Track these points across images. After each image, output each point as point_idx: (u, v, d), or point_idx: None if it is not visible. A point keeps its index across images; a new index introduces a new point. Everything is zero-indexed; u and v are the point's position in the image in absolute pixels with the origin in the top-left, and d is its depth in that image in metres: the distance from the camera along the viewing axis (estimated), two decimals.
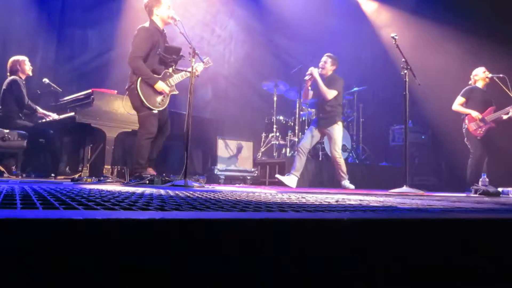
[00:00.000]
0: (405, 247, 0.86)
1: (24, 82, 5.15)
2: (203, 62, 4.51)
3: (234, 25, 8.30)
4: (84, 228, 0.67)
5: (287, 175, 5.28)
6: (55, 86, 5.56)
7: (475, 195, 4.12)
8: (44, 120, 5.28)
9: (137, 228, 0.70)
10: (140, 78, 4.19)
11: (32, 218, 0.65)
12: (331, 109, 5.27)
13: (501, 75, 5.43)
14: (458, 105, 5.70)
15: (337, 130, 5.28)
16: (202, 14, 7.88)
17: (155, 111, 4.23)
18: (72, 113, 4.77)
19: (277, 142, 6.73)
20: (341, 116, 5.47)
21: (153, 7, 4.34)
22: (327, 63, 5.33)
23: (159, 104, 4.28)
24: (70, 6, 6.59)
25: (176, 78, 4.41)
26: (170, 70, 4.39)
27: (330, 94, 5.21)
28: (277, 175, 5.39)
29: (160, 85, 4.24)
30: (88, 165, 5.29)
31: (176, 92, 4.45)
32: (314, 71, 5.22)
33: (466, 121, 5.59)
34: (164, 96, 4.32)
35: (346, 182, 5.24)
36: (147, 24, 4.33)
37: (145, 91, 4.19)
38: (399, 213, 1.14)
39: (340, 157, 5.26)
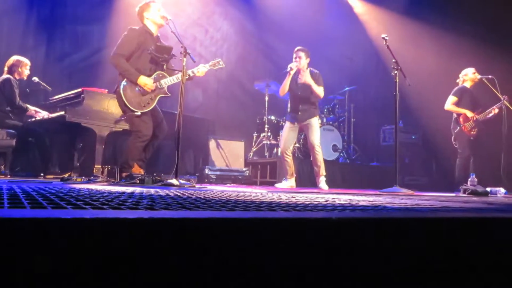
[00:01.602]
0: (392, 245, 0.87)
1: (17, 82, 5.10)
2: (210, 64, 4.50)
3: (228, 26, 8.30)
4: (72, 228, 0.67)
5: (284, 179, 5.29)
6: (44, 84, 5.51)
7: (464, 195, 4.16)
8: (33, 119, 5.24)
9: (125, 228, 0.70)
10: (124, 80, 4.15)
11: (19, 217, 0.65)
12: (311, 101, 5.24)
13: (489, 76, 5.49)
14: (451, 104, 5.69)
15: (317, 122, 5.24)
16: (197, 15, 7.87)
17: (138, 113, 4.14)
18: (62, 112, 4.73)
19: (268, 142, 6.74)
20: (318, 109, 5.44)
21: (143, 12, 4.34)
22: (302, 58, 5.16)
23: (144, 106, 4.18)
24: (61, 4, 6.54)
25: (169, 80, 4.31)
26: (164, 72, 4.33)
27: (322, 92, 5.18)
28: (275, 185, 5.38)
29: (142, 80, 4.14)
30: (78, 164, 5.26)
31: (168, 95, 4.37)
32: (294, 69, 5.12)
33: (461, 120, 5.59)
34: (151, 98, 4.22)
35: (322, 182, 5.11)
36: (136, 27, 4.32)
37: (129, 93, 4.13)
38: (387, 212, 1.15)
39: (319, 146, 5.14)
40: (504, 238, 1.02)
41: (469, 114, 5.54)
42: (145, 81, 4.15)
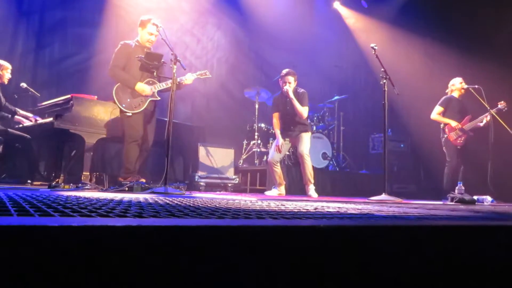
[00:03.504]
0: (379, 253, 0.88)
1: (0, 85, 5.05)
2: (198, 74, 4.83)
3: (220, 36, 8.33)
4: (59, 236, 0.67)
5: (274, 187, 5.30)
6: (33, 90, 5.45)
7: (451, 203, 4.20)
8: (21, 125, 5.18)
9: (113, 235, 0.70)
10: (117, 85, 4.47)
11: (6, 225, 0.65)
12: (302, 122, 5.29)
13: (476, 86, 5.57)
14: (436, 114, 5.81)
15: (307, 136, 5.29)
16: (191, 24, 7.90)
17: (129, 114, 4.47)
18: (51, 118, 4.69)
19: (258, 150, 6.73)
20: (310, 126, 5.52)
21: (140, 26, 4.65)
22: (292, 83, 5.20)
23: (135, 107, 4.50)
24: (50, 10, 6.50)
25: (160, 85, 4.61)
26: (154, 79, 4.60)
27: (305, 112, 5.24)
28: (265, 193, 5.38)
29: (139, 87, 4.49)
30: (66, 171, 5.20)
31: (158, 98, 4.65)
32: (290, 93, 5.18)
33: (446, 130, 5.70)
34: (141, 100, 4.53)
35: (311, 190, 5.14)
36: (129, 41, 4.65)
37: (120, 95, 4.48)
38: (374, 220, 1.16)
39: (308, 156, 5.17)
40: (489, 245, 1.04)
41: (453, 123, 5.64)
42: (143, 88, 4.51)
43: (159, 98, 4.67)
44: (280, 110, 5.34)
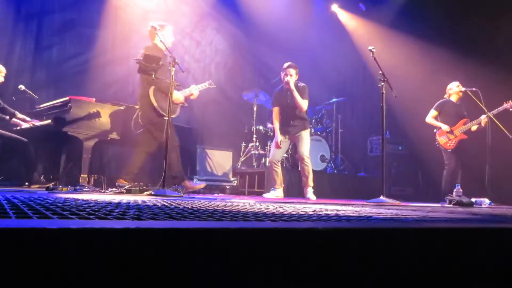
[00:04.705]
0: (377, 256, 0.88)
1: None
2: (207, 84, 5.15)
3: (220, 39, 8.35)
4: (58, 238, 0.67)
5: (272, 189, 5.30)
6: (31, 93, 5.45)
7: (449, 205, 4.21)
8: (19, 128, 5.17)
9: (111, 238, 0.70)
10: (152, 88, 4.48)
11: (4, 228, 0.65)
12: (302, 116, 5.31)
13: (473, 89, 5.59)
14: (431, 117, 5.87)
15: (308, 135, 5.31)
16: (191, 27, 7.92)
17: (166, 118, 4.44)
18: (49, 121, 4.68)
19: (256, 152, 6.73)
20: (308, 122, 5.55)
21: (157, 31, 4.58)
22: (293, 75, 5.23)
23: (172, 112, 4.55)
24: (48, 12, 6.50)
25: (184, 91, 4.80)
26: (179, 85, 4.73)
27: (305, 105, 5.26)
28: (263, 195, 5.38)
29: (176, 95, 4.58)
30: (64, 173, 5.19)
31: (186, 104, 4.89)
32: (292, 85, 5.19)
33: (437, 135, 5.76)
34: (175, 106, 4.67)
35: (310, 192, 5.14)
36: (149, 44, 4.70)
37: (158, 98, 4.52)
38: (373, 222, 1.16)
39: (308, 158, 5.19)
40: (487, 248, 1.04)
41: (443, 127, 5.68)
42: (178, 95, 4.64)
43: (186, 105, 4.78)
44: (280, 104, 5.36)
